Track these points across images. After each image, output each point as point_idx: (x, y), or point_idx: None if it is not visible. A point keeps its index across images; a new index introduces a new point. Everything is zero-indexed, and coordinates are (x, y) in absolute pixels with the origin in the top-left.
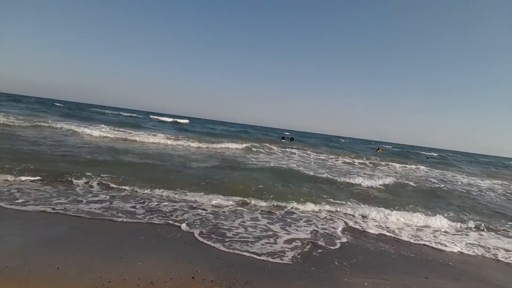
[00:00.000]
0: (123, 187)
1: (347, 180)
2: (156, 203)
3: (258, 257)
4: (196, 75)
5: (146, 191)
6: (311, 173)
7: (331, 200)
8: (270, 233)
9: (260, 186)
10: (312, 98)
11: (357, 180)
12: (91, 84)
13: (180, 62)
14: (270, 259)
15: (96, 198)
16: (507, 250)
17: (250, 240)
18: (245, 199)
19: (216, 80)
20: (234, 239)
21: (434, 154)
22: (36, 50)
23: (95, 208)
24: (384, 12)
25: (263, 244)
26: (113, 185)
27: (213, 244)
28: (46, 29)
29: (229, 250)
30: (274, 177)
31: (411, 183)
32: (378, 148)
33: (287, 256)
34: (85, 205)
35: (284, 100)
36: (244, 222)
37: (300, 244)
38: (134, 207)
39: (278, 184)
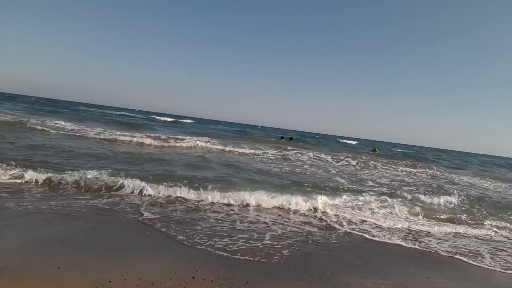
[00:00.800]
0: (127, 186)
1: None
2: (162, 204)
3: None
4: (196, 75)
5: (155, 193)
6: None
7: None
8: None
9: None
10: (312, 98)
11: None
12: (91, 84)
13: (180, 62)
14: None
15: (98, 198)
16: None
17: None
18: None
19: (216, 80)
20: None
21: (443, 155)
22: (36, 50)
23: (96, 208)
24: (384, 12)
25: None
26: (117, 186)
27: (215, 247)
28: (46, 29)
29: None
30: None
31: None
32: (375, 148)
33: (283, 256)
34: (86, 205)
35: (284, 100)
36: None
37: (302, 243)
38: (137, 208)
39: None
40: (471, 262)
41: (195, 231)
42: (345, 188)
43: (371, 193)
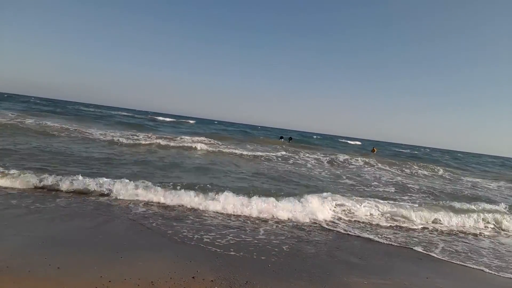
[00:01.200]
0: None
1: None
2: (162, 205)
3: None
4: (196, 75)
5: (156, 194)
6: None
7: None
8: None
9: None
10: (312, 98)
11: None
12: (91, 84)
13: (180, 62)
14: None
15: (98, 199)
16: None
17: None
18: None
19: (216, 80)
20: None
21: (447, 156)
22: (36, 50)
23: (96, 208)
24: (384, 12)
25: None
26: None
27: (214, 246)
28: (46, 29)
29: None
30: None
31: None
32: (373, 148)
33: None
34: (86, 205)
35: (284, 100)
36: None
37: (302, 243)
38: (137, 208)
39: None
40: (472, 264)
41: (195, 232)
42: (347, 189)
43: (372, 193)
